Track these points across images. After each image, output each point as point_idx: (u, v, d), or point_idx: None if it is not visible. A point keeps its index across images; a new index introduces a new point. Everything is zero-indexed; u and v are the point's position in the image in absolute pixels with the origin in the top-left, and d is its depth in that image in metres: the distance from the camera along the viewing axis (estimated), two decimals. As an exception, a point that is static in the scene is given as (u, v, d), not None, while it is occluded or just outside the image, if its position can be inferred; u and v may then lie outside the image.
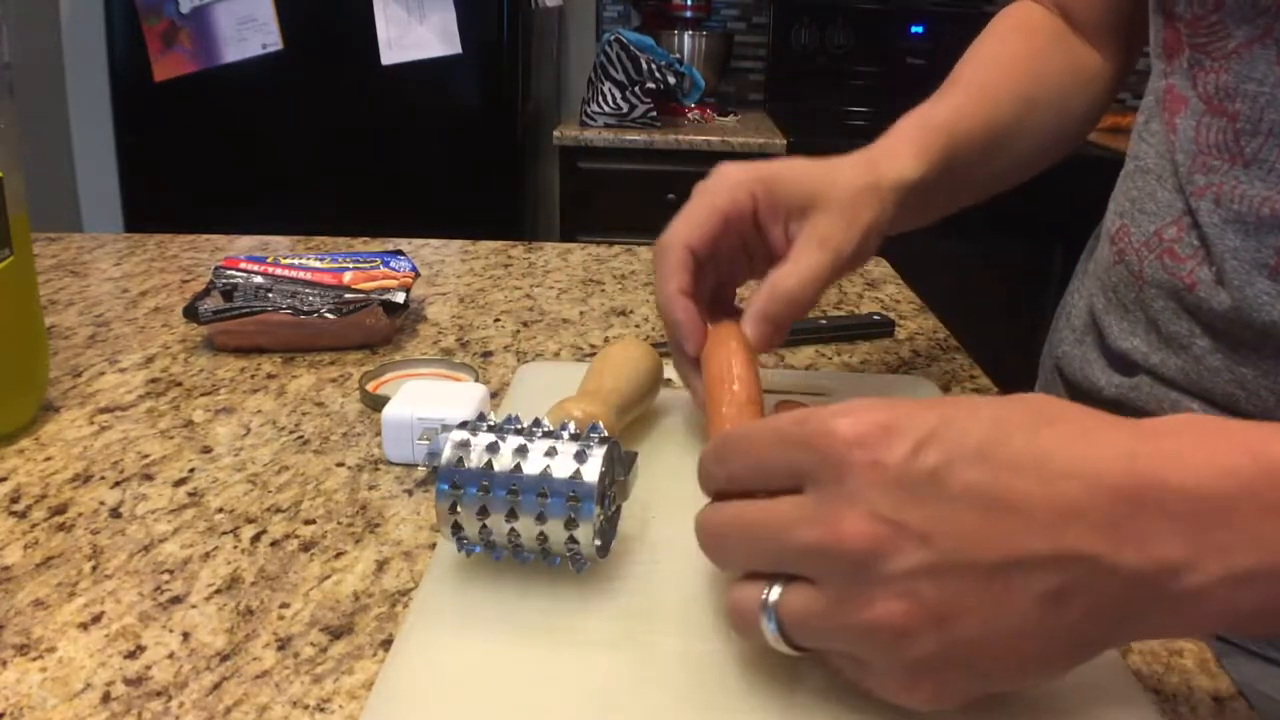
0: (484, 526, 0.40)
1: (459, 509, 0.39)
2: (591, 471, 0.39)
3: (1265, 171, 0.50)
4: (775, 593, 0.32)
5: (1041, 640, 0.29)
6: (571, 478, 0.39)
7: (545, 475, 0.39)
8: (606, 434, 0.41)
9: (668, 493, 0.48)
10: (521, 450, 0.40)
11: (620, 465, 0.42)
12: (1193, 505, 0.28)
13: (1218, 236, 0.52)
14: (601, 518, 0.40)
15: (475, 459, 0.40)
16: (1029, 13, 0.69)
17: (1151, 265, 0.57)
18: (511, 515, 0.39)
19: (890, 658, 0.30)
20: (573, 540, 0.39)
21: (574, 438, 0.40)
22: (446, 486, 0.39)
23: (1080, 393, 0.67)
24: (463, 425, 0.41)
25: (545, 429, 0.41)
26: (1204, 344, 0.54)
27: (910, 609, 0.29)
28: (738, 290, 0.57)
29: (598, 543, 0.39)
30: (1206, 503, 0.28)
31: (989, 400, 0.32)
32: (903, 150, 0.54)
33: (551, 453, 0.39)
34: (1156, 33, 0.58)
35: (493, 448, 0.40)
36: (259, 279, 0.72)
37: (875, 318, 0.78)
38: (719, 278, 0.54)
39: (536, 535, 0.39)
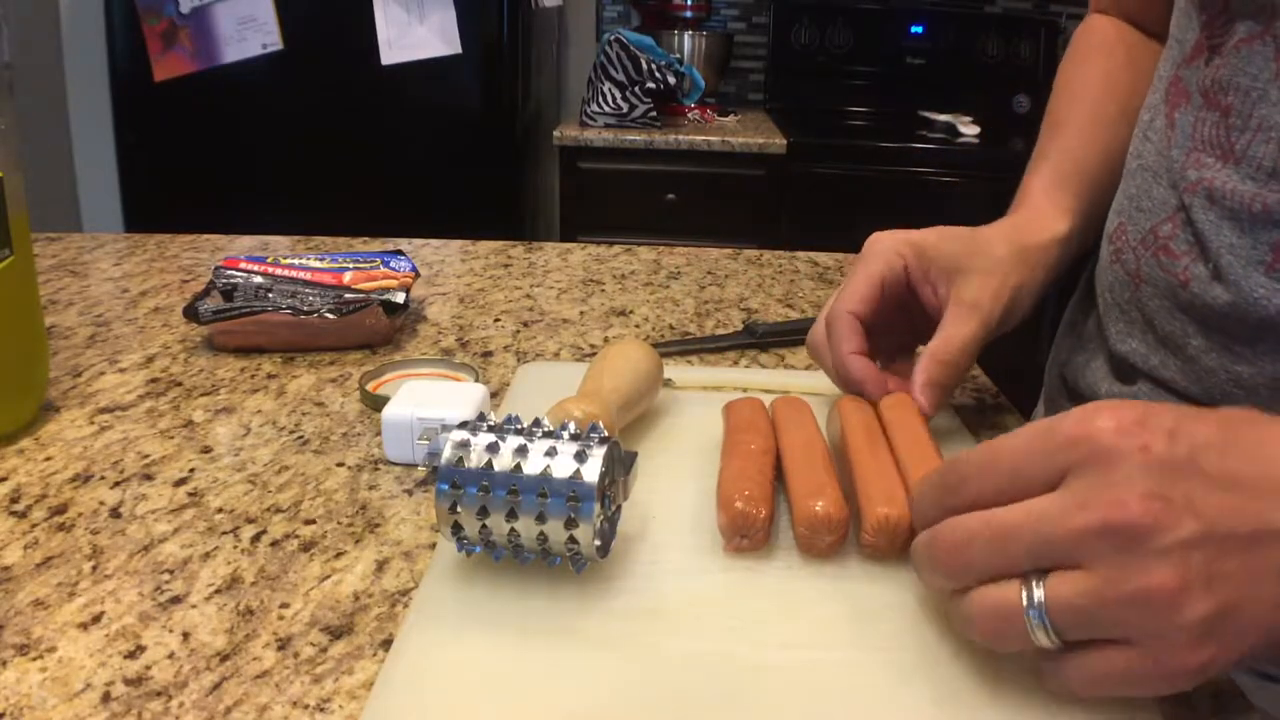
0: (484, 526, 0.40)
1: (459, 509, 0.40)
2: (591, 471, 0.39)
3: (1254, 169, 0.50)
4: (1038, 588, 0.33)
5: None
6: (571, 478, 0.39)
7: (545, 475, 0.39)
8: (606, 434, 0.41)
9: (667, 494, 0.48)
10: (521, 450, 0.40)
11: (620, 465, 0.42)
12: None
13: (1213, 233, 0.52)
14: (601, 518, 0.40)
15: (475, 459, 0.40)
16: (1102, 28, 0.71)
17: (1148, 263, 0.57)
18: (511, 515, 0.39)
19: (1165, 625, 0.32)
20: (573, 540, 0.39)
21: (574, 438, 0.41)
22: (446, 486, 0.40)
23: (1082, 400, 0.67)
24: (463, 425, 0.41)
25: (545, 429, 0.42)
26: (1198, 343, 0.54)
27: (1185, 574, 0.31)
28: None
29: (598, 543, 0.40)
30: None
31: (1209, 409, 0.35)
32: (1048, 211, 0.60)
33: (551, 453, 0.40)
34: (1188, 36, 0.57)
35: (493, 448, 0.40)
36: (259, 279, 0.72)
37: None
38: (882, 344, 0.58)
39: (536, 535, 0.39)
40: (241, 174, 2.09)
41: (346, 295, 0.71)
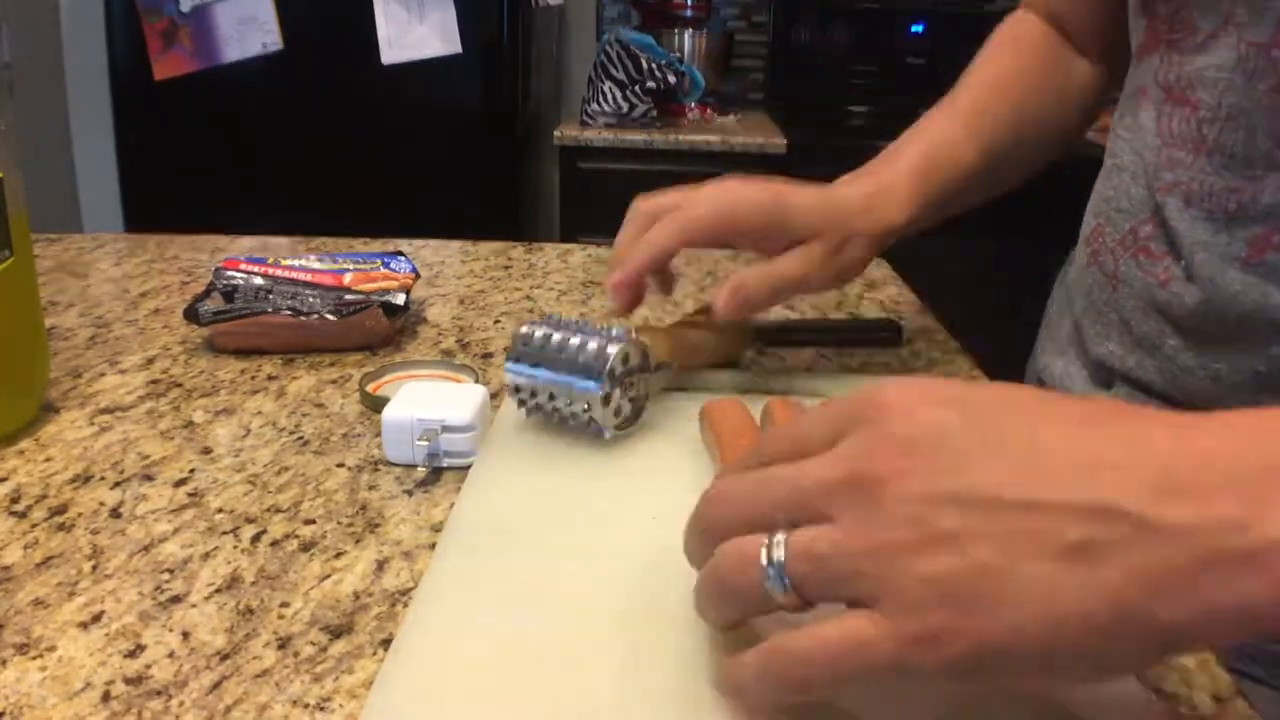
0: (534, 393, 0.53)
1: (520, 377, 0.53)
2: (606, 357, 0.51)
3: (1227, 158, 0.50)
4: (780, 537, 0.30)
5: (1076, 598, 0.27)
6: (592, 357, 0.51)
7: (576, 352, 0.52)
8: (632, 337, 0.53)
9: (670, 497, 0.48)
10: (565, 339, 0.53)
11: (645, 366, 0.54)
12: (1245, 466, 0.27)
13: (1187, 232, 0.52)
14: (619, 397, 0.52)
15: (538, 340, 0.53)
16: (1025, 26, 0.71)
17: (1126, 264, 0.57)
18: (551, 384, 0.52)
19: (902, 578, 0.28)
20: (587, 407, 0.51)
21: (609, 337, 0.52)
22: (512, 361, 0.53)
23: None
24: (537, 320, 0.55)
25: (595, 329, 0.53)
26: (1174, 343, 0.55)
27: (929, 529, 0.28)
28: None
29: (615, 419, 0.53)
30: (1259, 465, 0.27)
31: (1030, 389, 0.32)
32: (900, 195, 0.60)
33: (585, 341, 0.52)
34: (1138, 34, 0.58)
35: (547, 335, 0.53)
36: (259, 280, 0.72)
37: (885, 324, 0.77)
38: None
39: (566, 402, 0.52)
40: (241, 174, 2.09)
41: (346, 296, 0.71)
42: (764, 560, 0.30)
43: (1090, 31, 0.68)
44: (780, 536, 0.30)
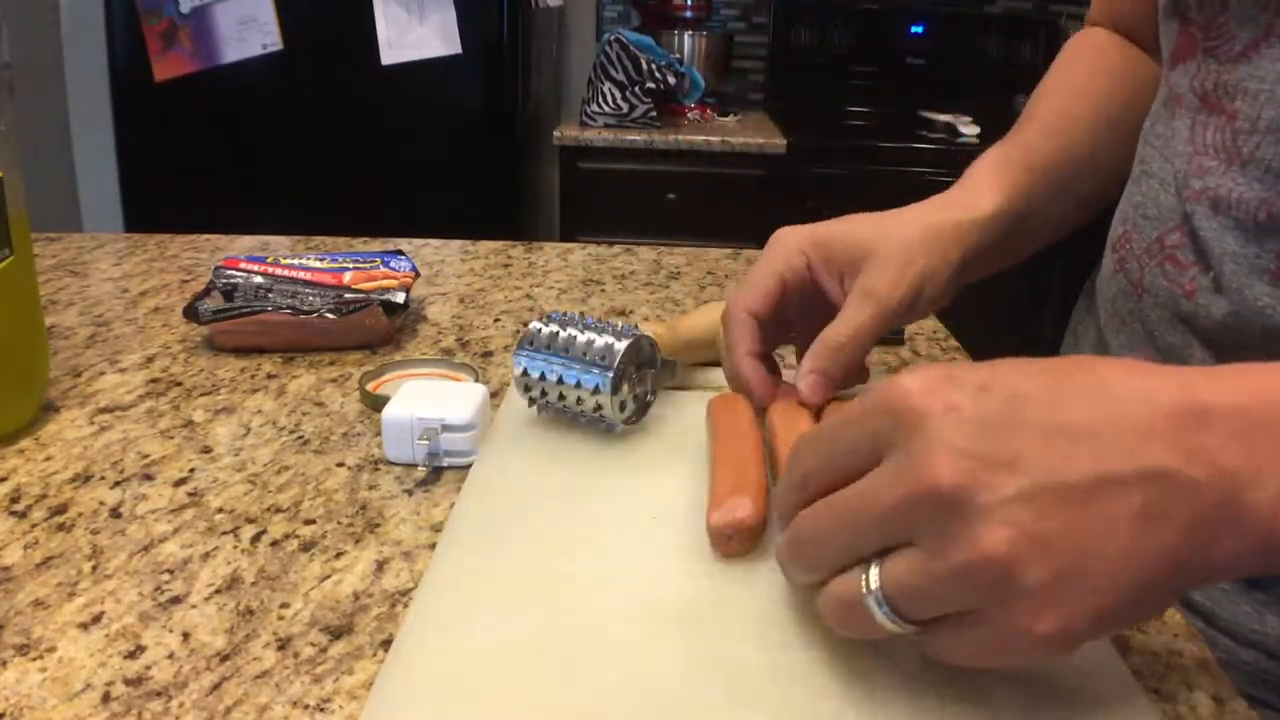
0: (543, 390, 0.53)
1: (528, 373, 0.53)
2: (615, 352, 0.51)
3: (1262, 171, 0.49)
4: (874, 572, 0.32)
5: (1144, 562, 0.30)
6: (601, 353, 0.51)
7: (584, 348, 0.52)
8: (642, 334, 0.53)
9: (668, 493, 0.48)
10: (572, 335, 0.53)
11: (652, 362, 0.55)
12: (1246, 422, 0.30)
13: (1216, 241, 0.51)
14: (627, 393, 0.53)
15: (545, 338, 0.53)
16: (1095, 36, 0.70)
17: (1152, 272, 0.56)
18: (560, 380, 0.52)
19: (1004, 594, 0.30)
20: (598, 405, 0.51)
21: (618, 333, 0.52)
22: (522, 353, 0.53)
23: None
24: (543, 318, 0.55)
25: (603, 325, 0.53)
26: (1201, 356, 0.53)
27: (1012, 536, 0.29)
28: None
29: (622, 413, 0.53)
30: (1259, 419, 0.30)
31: (1032, 359, 0.33)
32: (980, 187, 0.56)
33: (593, 338, 0.52)
34: (1169, 38, 0.57)
35: (554, 332, 0.53)
36: (259, 279, 0.72)
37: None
38: (787, 334, 0.56)
39: (575, 398, 0.52)
40: (241, 174, 2.09)
41: (346, 295, 0.71)
42: (866, 602, 0.32)
43: (1156, 36, 0.67)
44: (873, 573, 0.32)
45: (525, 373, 0.53)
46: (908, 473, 0.31)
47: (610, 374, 0.51)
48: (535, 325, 0.54)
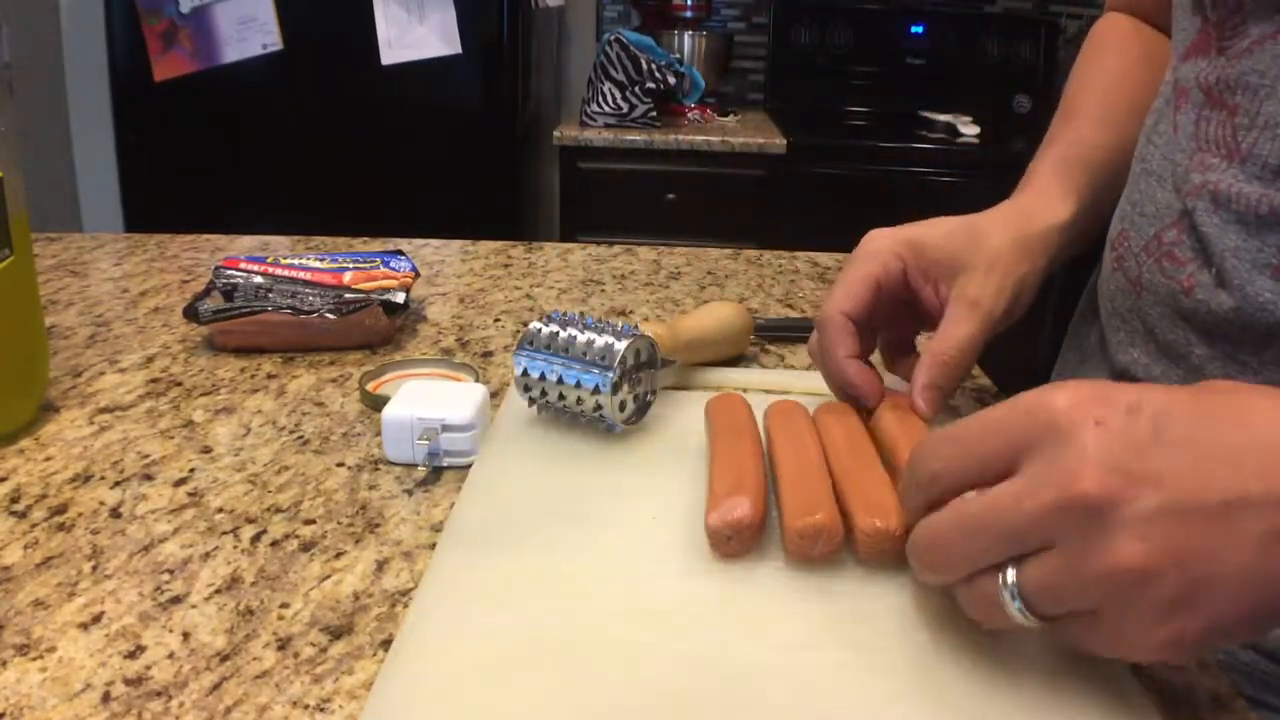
0: (543, 390, 0.53)
1: (528, 372, 0.53)
2: (616, 351, 0.51)
3: (1259, 168, 0.49)
4: (1012, 573, 0.33)
5: (1265, 582, 0.31)
6: (600, 353, 0.51)
7: (584, 348, 0.52)
8: (642, 334, 0.53)
9: (668, 494, 0.48)
10: (573, 335, 0.53)
11: (653, 362, 0.55)
12: None
13: (1217, 236, 0.51)
14: (627, 393, 0.53)
15: (544, 338, 0.53)
16: (1118, 24, 0.70)
17: (1150, 270, 0.56)
18: (560, 380, 0.52)
19: (1136, 601, 0.31)
20: (598, 405, 0.51)
21: (618, 333, 0.52)
22: (522, 353, 0.53)
23: None
24: (543, 318, 0.54)
25: (603, 325, 0.53)
26: (1202, 352, 0.53)
27: (1152, 549, 0.31)
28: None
29: (621, 413, 0.53)
30: None
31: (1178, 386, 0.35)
32: (1051, 193, 0.58)
33: (592, 338, 0.52)
34: (1186, 33, 0.57)
35: (554, 332, 0.53)
36: (259, 279, 0.72)
37: None
38: (885, 336, 0.58)
39: (575, 398, 0.52)
40: (241, 174, 2.09)
41: (346, 295, 0.71)
42: (1004, 599, 0.34)
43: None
44: (1010, 574, 0.33)
45: (525, 373, 0.53)
46: (1055, 481, 0.32)
47: (610, 374, 0.51)
48: (535, 325, 0.54)
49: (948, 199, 2.18)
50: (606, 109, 2.19)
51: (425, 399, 0.54)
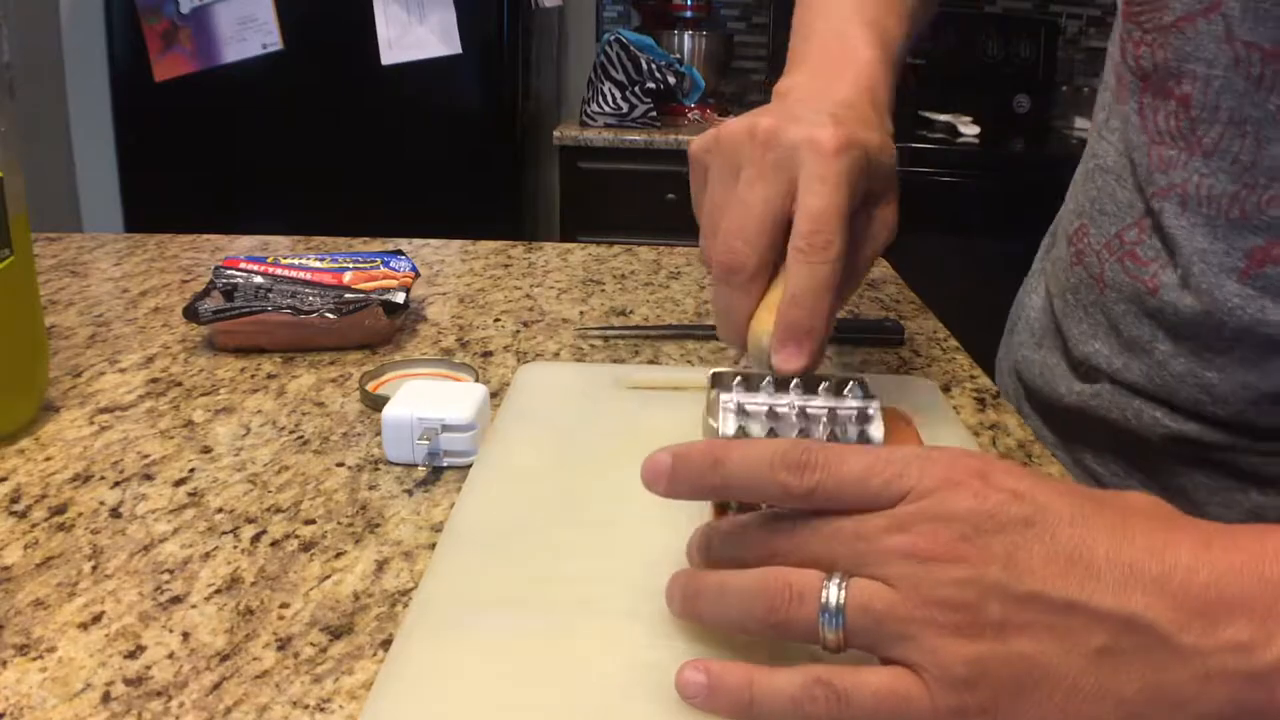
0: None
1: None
2: (877, 432, 0.40)
3: (1228, 162, 0.47)
4: (837, 583, 0.32)
5: (1092, 700, 0.29)
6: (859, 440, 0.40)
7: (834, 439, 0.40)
8: (870, 392, 0.42)
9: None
10: (803, 415, 0.41)
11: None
12: (1262, 587, 0.29)
13: (1185, 239, 0.50)
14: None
15: (759, 430, 0.40)
16: None
17: (1113, 268, 0.55)
18: None
19: (951, 651, 0.30)
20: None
21: (842, 395, 0.41)
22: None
23: (1040, 400, 0.66)
24: (717, 383, 0.42)
25: (810, 391, 0.42)
26: (1166, 348, 0.53)
27: (979, 611, 0.30)
28: None
29: None
30: (1276, 585, 0.29)
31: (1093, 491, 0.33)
32: (886, 83, 0.49)
33: (833, 418, 0.41)
34: (1118, 10, 0.54)
35: (772, 415, 0.41)
36: (259, 279, 0.72)
37: (886, 323, 0.77)
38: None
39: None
40: (241, 174, 2.09)
41: (346, 295, 0.71)
42: (824, 599, 0.32)
43: None
44: (838, 581, 0.32)
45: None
46: (914, 529, 0.31)
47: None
48: (723, 408, 0.42)
49: (947, 199, 2.18)
50: (606, 109, 2.19)
51: (425, 399, 0.54)
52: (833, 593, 0.32)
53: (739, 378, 0.42)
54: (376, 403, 0.60)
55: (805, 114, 0.44)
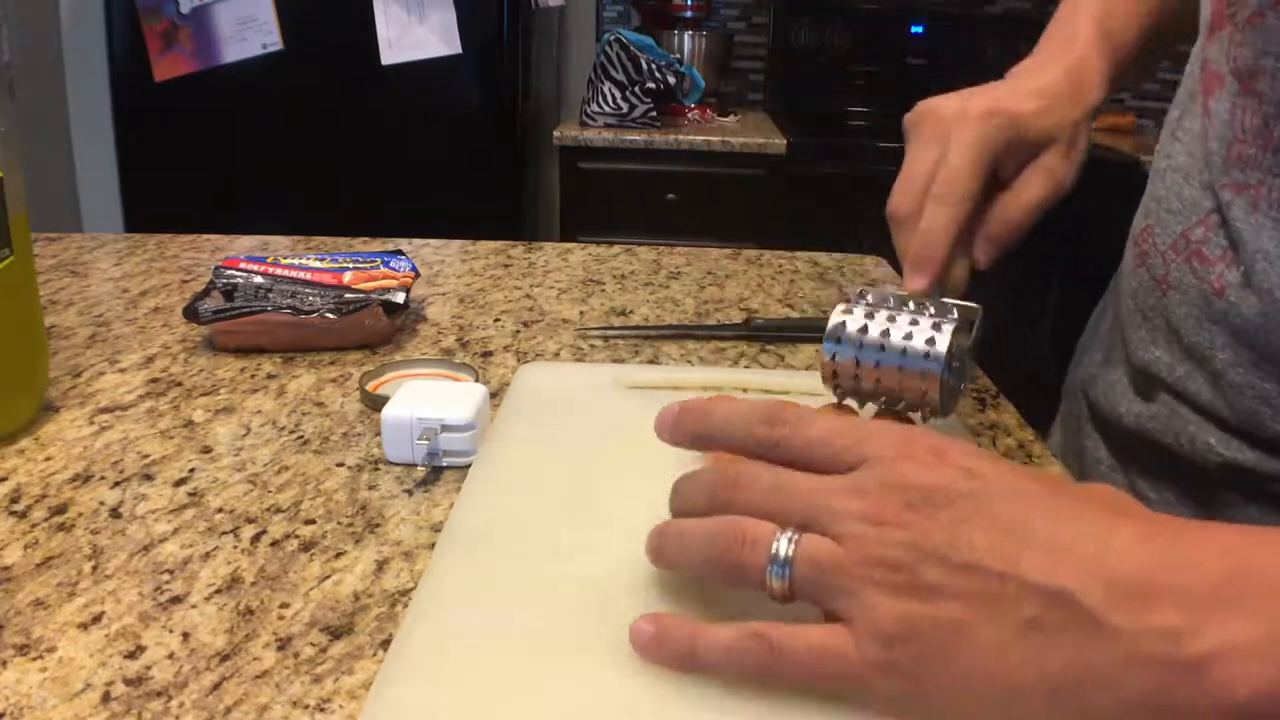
0: (856, 378, 0.48)
1: (838, 370, 0.48)
2: (943, 343, 0.46)
3: None
4: (790, 535, 0.34)
5: (1017, 667, 0.30)
6: (926, 346, 0.46)
7: (906, 346, 0.46)
8: (956, 315, 0.47)
9: (667, 496, 0.48)
10: (891, 319, 0.47)
11: (965, 333, 0.49)
12: (1202, 579, 0.29)
13: (1251, 237, 0.49)
14: (952, 381, 0.47)
15: (853, 325, 0.48)
16: None
17: (1178, 269, 0.54)
18: (876, 380, 0.47)
19: (885, 607, 0.31)
20: (926, 397, 0.47)
21: (930, 314, 0.47)
22: (831, 345, 0.48)
23: (1101, 419, 0.65)
24: (844, 304, 0.49)
25: (910, 307, 0.48)
26: (1227, 356, 0.52)
27: (915, 573, 0.31)
28: None
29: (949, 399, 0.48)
30: (1216, 579, 0.29)
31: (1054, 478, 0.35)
32: (1097, 71, 0.57)
33: (915, 322, 0.47)
34: (1207, 6, 0.55)
35: (870, 315, 0.48)
36: (259, 279, 0.72)
37: None
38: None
39: (894, 393, 0.47)
40: (241, 174, 2.09)
41: (346, 295, 0.71)
42: (773, 549, 0.34)
43: None
44: (790, 535, 0.34)
45: (835, 359, 0.48)
46: (866, 492, 0.33)
47: (941, 363, 0.46)
48: (837, 309, 0.49)
49: (948, 199, 2.18)
50: (606, 109, 2.19)
51: (425, 399, 0.54)
52: (783, 545, 0.34)
53: (869, 291, 0.50)
54: (376, 403, 0.60)
55: (984, 91, 0.53)
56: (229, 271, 0.72)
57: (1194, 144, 0.55)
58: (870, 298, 0.49)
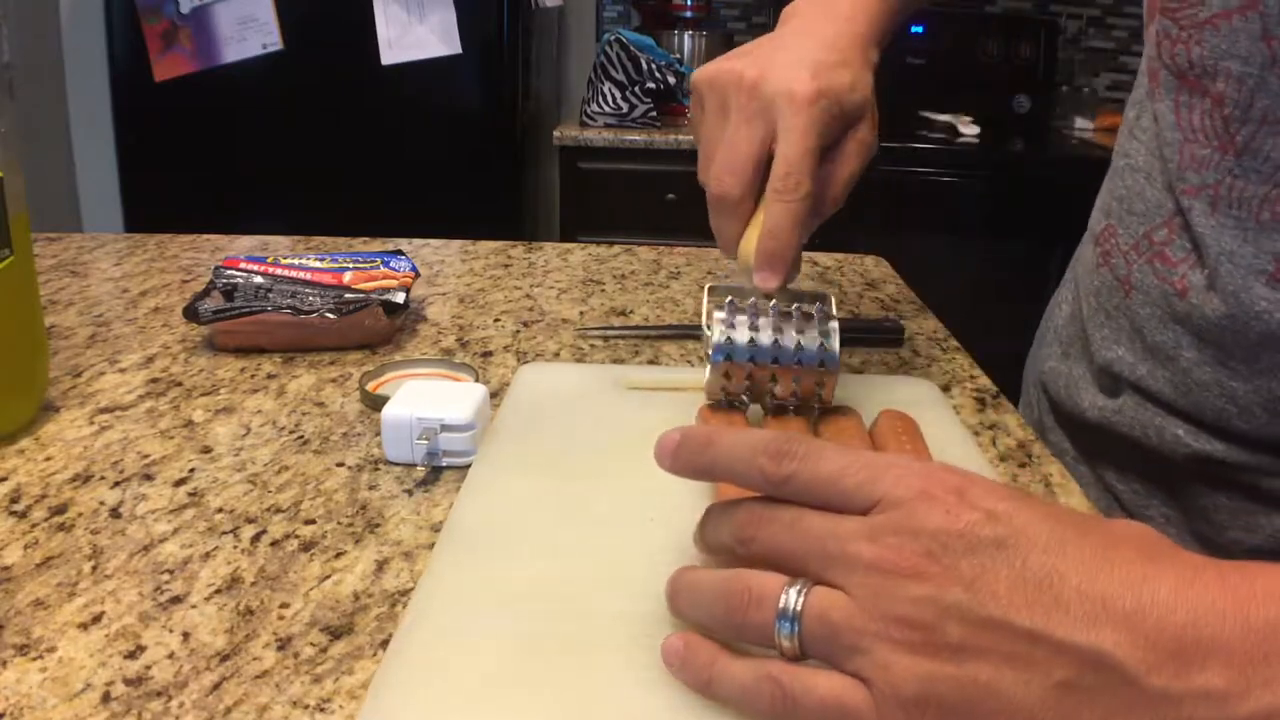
0: (749, 385, 0.50)
1: (730, 374, 0.50)
2: (835, 342, 0.49)
3: (1260, 161, 0.47)
4: (798, 590, 0.32)
5: None
6: (821, 349, 0.49)
7: (799, 349, 0.49)
8: (834, 311, 0.50)
9: (668, 497, 0.48)
10: (778, 329, 0.50)
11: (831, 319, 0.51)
12: (1244, 631, 0.27)
13: (1213, 239, 0.49)
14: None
15: (740, 335, 0.49)
16: None
17: (1141, 269, 0.55)
18: (772, 379, 0.50)
19: (904, 668, 0.29)
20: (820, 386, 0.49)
21: (809, 318, 0.50)
22: (720, 357, 0.49)
23: (1064, 414, 0.65)
24: (719, 306, 0.51)
25: (781, 310, 0.50)
26: (1191, 355, 0.52)
27: (937, 631, 0.29)
28: None
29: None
30: (1259, 630, 0.27)
31: (1088, 515, 0.32)
32: (877, 32, 0.58)
33: (801, 330, 0.49)
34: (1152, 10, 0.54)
35: (753, 327, 0.50)
36: (259, 279, 0.72)
37: (886, 323, 0.77)
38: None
39: (792, 392, 0.50)
40: (242, 174, 2.09)
41: (346, 295, 0.71)
42: (781, 605, 0.32)
43: None
44: (799, 589, 0.32)
45: (727, 375, 0.50)
46: (882, 540, 0.30)
47: (837, 362, 0.49)
48: (717, 320, 0.50)
49: (947, 199, 2.19)
50: (606, 109, 2.19)
51: (425, 399, 0.54)
52: (791, 598, 0.32)
53: (730, 294, 0.51)
54: (376, 403, 0.60)
55: (788, 61, 0.51)
56: (229, 271, 0.72)
57: (1152, 144, 0.55)
58: (736, 300, 0.51)
